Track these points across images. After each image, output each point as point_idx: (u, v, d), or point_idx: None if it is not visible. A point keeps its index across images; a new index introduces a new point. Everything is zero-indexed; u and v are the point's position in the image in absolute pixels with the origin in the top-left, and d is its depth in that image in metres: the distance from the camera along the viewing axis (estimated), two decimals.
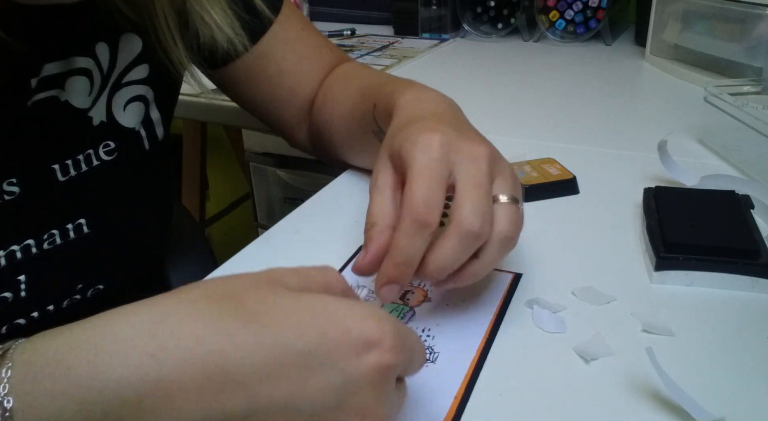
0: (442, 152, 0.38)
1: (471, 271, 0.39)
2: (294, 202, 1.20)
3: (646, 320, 0.42)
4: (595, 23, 1.10)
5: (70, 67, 0.46)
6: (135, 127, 0.51)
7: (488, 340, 0.41)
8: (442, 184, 0.38)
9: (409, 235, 0.37)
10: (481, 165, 0.39)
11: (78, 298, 0.50)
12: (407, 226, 0.37)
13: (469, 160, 0.39)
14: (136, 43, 0.50)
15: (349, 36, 1.21)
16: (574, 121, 0.78)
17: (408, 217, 0.37)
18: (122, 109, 0.50)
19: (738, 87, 0.68)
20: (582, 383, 0.38)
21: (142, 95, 0.52)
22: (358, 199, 0.60)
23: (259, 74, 0.63)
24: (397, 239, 0.38)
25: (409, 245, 0.37)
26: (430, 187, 0.37)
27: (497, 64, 1.04)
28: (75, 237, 0.48)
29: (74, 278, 0.50)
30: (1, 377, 0.26)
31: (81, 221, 0.49)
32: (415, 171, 0.38)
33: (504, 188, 0.40)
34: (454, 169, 0.39)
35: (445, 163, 0.38)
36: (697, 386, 0.36)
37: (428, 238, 0.37)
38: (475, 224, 0.37)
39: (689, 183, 0.57)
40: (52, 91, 0.45)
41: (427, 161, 0.38)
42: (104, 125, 0.49)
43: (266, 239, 0.54)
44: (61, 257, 0.48)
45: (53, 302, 0.49)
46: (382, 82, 0.56)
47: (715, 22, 0.86)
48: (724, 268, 0.45)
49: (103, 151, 0.49)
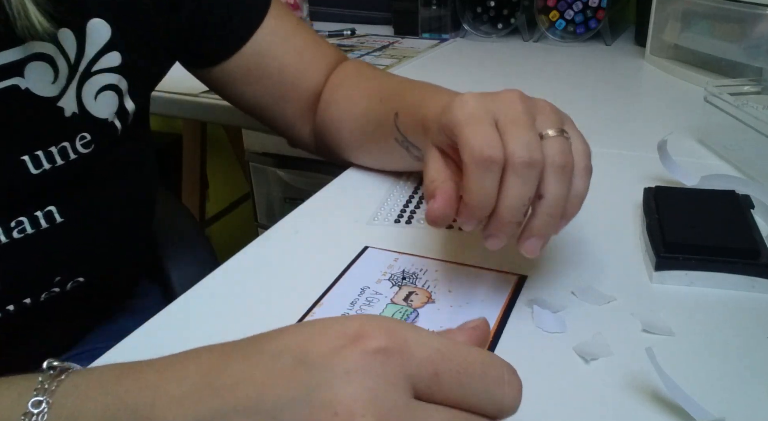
0: (478, 103, 0.40)
1: (543, 212, 0.40)
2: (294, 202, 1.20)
3: (646, 320, 0.42)
4: (595, 23, 1.10)
5: (28, 53, 0.44)
6: (108, 117, 0.50)
7: (492, 342, 0.41)
8: (491, 126, 0.39)
9: (477, 176, 0.38)
10: (517, 105, 0.40)
11: (57, 291, 0.50)
12: (472, 168, 0.38)
13: (505, 105, 0.40)
14: (104, 30, 0.48)
15: (349, 36, 1.21)
16: (574, 121, 0.78)
17: (470, 161, 0.38)
18: (93, 99, 0.48)
19: (738, 87, 0.68)
20: (582, 383, 0.38)
21: (114, 85, 0.50)
22: (358, 200, 0.60)
23: (257, 71, 0.61)
24: (466, 185, 0.39)
25: (479, 186, 0.38)
26: (482, 130, 0.39)
27: (497, 64, 1.04)
28: (47, 226, 0.47)
29: (50, 269, 0.49)
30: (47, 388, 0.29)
31: (51, 209, 0.48)
32: (461, 125, 0.39)
33: (547, 123, 0.41)
34: (494, 116, 0.40)
35: (485, 110, 0.40)
36: (697, 386, 0.36)
37: (496, 175, 0.38)
38: (523, 155, 0.38)
39: (689, 183, 0.57)
40: (11, 80, 0.44)
41: (468, 112, 0.40)
42: (77, 117, 0.48)
43: (266, 239, 0.54)
44: (33, 247, 0.47)
45: (30, 295, 0.48)
46: (402, 90, 0.57)
47: (715, 22, 0.86)
48: (723, 268, 0.45)
49: (80, 143, 0.48)
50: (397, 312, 0.44)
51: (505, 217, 0.39)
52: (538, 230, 0.40)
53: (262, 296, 0.47)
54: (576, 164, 0.41)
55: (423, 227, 0.55)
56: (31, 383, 0.30)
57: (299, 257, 0.52)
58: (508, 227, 0.40)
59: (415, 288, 0.47)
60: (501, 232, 0.40)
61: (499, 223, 0.39)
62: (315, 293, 0.47)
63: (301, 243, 0.54)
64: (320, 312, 0.45)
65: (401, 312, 0.44)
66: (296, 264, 0.51)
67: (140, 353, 0.42)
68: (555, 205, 0.39)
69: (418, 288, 0.47)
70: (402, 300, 0.46)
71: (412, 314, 0.44)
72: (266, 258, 0.52)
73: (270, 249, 0.53)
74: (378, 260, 0.50)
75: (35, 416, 0.29)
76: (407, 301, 0.46)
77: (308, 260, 0.51)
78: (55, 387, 0.29)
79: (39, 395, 0.29)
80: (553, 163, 0.39)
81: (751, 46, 0.81)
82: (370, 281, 0.48)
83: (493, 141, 0.38)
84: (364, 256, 0.51)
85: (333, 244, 0.53)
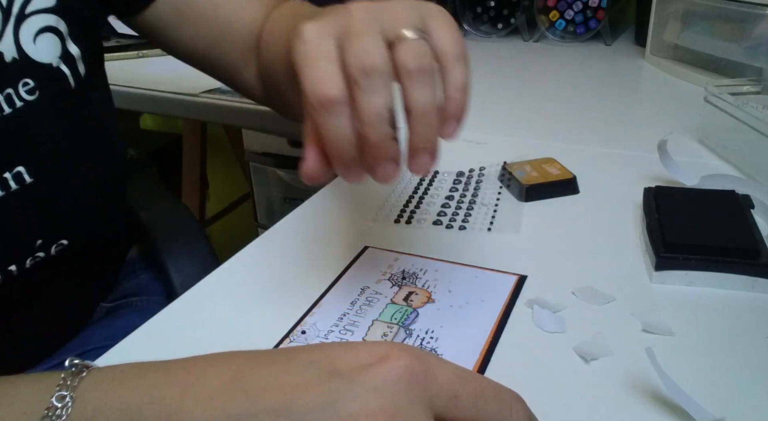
0: (316, 31, 0.36)
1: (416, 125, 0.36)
2: (294, 202, 1.20)
3: (646, 320, 0.42)
4: (595, 23, 1.10)
5: None
6: (52, 62, 0.49)
7: (492, 342, 0.41)
8: (326, 60, 0.35)
9: (323, 122, 0.35)
10: (358, 14, 0.36)
11: (42, 256, 0.49)
12: (315, 117, 0.35)
13: (346, 18, 0.36)
14: None
15: None
16: (574, 121, 0.78)
17: (311, 109, 0.35)
18: (32, 43, 0.47)
19: (738, 87, 0.68)
20: (582, 383, 0.38)
21: (52, 26, 0.49)
22: (358, 200, 0.60)
23: (189, 11, 0.58)
24: (321, 134, 0.36)
25: (329, 131, 0.35)
26: (317, 68, 0.35)
27: (497, 64, 1.04)
28: (18, 187, 0.47)
29: (29, 232, 0.48)
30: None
31: (20, 169, 0.47)
32: (299, 67, 0.36)
33: (396, 25, 0.36)
34: (336, 37, 0.36)
35: (322, 37, 0.36)
36: (697, 386, 0.36)
37: (342, 113, 0.35)
38: (355, 64, 0.34)
39: (689, 183, 0.57)
40: None
41: (305, 48, 0.36)
42: (18, 62, 0.47)
43: (266, 239, 0.54)
44: (7, 210, 0.47)
45: (14, 261, 0.48)
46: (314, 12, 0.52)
47: (715, 22, 0.86)
48: (723, 268, 0.45)
49: (24, 90, 0.47)
50: (397, 312, 0.44)
51: (371, 136, 0.35)
52: (418, 144, 0.36)
53: (262, 296, 0.47)
54: (446, 56, 0.36)
55: (423, 227, 0.55)
56: (54, 379, 0.30)
57: (299, 257, 0.52)
58: (383, 148, 0.36)
59: (415, 288, 0.47)
60: (380, 157, 0.36)
61: (371, 148, 0.36)
62: (315, 293, 0.47)
63: (301, 243, 0.54)
64: (320, 312, 0.45)
65: (401, 312, 0.44)
66: (296, 264, 0.51)
67: (142, 350, 0.42)
68: (424, 114, 0.36)
69: (418, 288, 0.47)
70: (402, 300, 0.46)
71: (412, 314, 0.44)
72: (266, 258, 0.52)
73: (270, 249, 0.53)
74: (378, 260, 0.50)
75: (59, 409, 0.29)
76: (407, 301, 0.46)
77: (308, 260, 0.51)
78: (78, 382, 0.30)
79: (62, 391, 0.29)
80: (407, 70, 0.35)
81: (751, 46, 0.81)
82: (370, 281, 0.48)
83: (328, 77, 0.35)
84: (364, 256, 0.51)
85: (333, 244, 0.53)
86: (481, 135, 0.73)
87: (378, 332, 0.42)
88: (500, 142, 0.71)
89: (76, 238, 0.52)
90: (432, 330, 0.43)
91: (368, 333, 0.42)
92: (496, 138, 0.73)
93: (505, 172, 0.62)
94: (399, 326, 0.43)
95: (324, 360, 0.28)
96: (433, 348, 0.41)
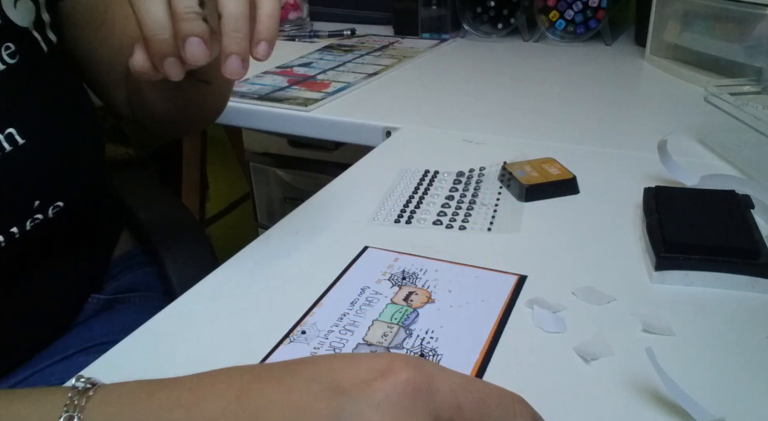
0: None
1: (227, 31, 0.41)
2: (294, 202, 1.20)
3: (646, 320, 0.42)
4: (595, 23, 1.10)
5: None
6: (28, 26, 0.51)
7: (492, 342, 0.41)
8: None
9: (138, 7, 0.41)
10: None
11: (41, 218, 0.50)
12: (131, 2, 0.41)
13: None
14: None
15: (349, 36, 1.21)
16: (574, 121, 0.78)
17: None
18: (13, 7, 0.49)
19: (738, 87, 0.68)
20: (582, 383, 0.38)
21: None
22: (358, 199, 0.60)
23: (102, 15, 0.59)
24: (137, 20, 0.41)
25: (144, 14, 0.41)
26: None
27: (497, 64, 1.04)
28: (11, 149, 0.48)
29: (26, 194, 0.49)
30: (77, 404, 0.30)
31: (11, 131, 0.48)
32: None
33: None
34: None
35: None
36: (697, 386, 0.36)
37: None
38: None
39: (689, 183, 0.57)
40: None
41: None
42: (1, 26, 0.48)
43: (266, 239, 0.54)
44: (5, 172, 0.47)
45: (15, 223, 0.48)
46: None
47: (715, 22, 0.87)
48: (723, 268, 0.45)
49: (6, 53, 0.48)
50: (397, 312, 0.44)
51: (179, 8, 0.40)
52: (228, 47, 0.41)
53: (262, 296, 0.47)
54: None
55: (423, 227, 0.55)
56: (61, 398, 0.30)
57: (299, 257, 0.52)
58: (189, 21, 0.40)
59: (415, 288, 0.47)
60: (187, 32, 0.41)
61: (179, 23, 0.40)
62: (315, 292, 0.47)
63: (301, 243, 0.54)
64: (320, 312, 0.45)
65: (401, 312, 0.44)
66: (296, 264, 0.51)
67: (142, 351, 0.42)
68: (235, 18, 0.41)
69: (418, 288, 0.47)
70: (402, 300, 0.46)
71: (412, 314, 0.44)
72: (266, 258, 0.52)
73: (270, 249, 0.53)
74: (378, 259, 0.51)
75: None
76: (407, 301, 0.46)
77: (308, 260, 0.51)
78: (85, 402, 0.30)
79: (70, 411, 0.29)
80: None
81: (751, 46, 0.81)
82: (370, 281, 0.48)
83: None
84: (364, 256, 0.51)
85: (333, 244, 0.53)
86: (481, 135, 0.73)
87: (378, 332, 0.42)
88: (500, 142, 0.71)
89: (71, 200, 0.53)
90: (432, 330, 0.43)
91: (368, 333, 0.42)
92: (496, 138, 0.73)
93: (505, 172, 0.62)
94: (399, 326, 0.43)
95: (327, 376, 0.28)
96: (433, 348, 0.41)
